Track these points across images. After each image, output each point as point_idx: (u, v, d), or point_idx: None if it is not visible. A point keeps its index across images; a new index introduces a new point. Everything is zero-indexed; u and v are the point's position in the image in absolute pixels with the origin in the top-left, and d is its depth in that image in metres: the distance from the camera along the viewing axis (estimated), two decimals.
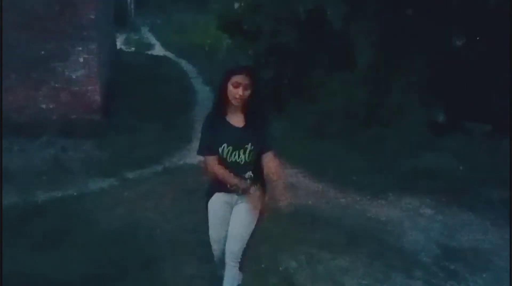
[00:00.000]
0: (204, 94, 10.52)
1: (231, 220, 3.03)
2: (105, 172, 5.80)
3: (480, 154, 6.27)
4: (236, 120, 2.94)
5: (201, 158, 3.08)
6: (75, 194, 5.19)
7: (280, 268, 3.74)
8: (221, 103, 2.91)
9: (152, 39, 18.85)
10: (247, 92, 2.85)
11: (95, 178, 5.66)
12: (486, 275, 4.08)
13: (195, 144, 7.29)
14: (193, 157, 6.71)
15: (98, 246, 3.98)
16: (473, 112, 6.85)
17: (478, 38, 6.85)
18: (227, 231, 3.05)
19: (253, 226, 3.02)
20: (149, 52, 15.70)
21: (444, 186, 5.72)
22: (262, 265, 3.92)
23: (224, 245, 3.07)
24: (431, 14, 6.80)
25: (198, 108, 9.41)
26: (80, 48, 7.03)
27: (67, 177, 5.68)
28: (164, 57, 15.09)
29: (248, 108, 2.91)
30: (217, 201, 3.04)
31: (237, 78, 2.82)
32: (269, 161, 2.87)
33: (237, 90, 2.82)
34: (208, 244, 4.10)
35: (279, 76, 8.33)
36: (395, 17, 6.99)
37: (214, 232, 3.12)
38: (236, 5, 10.16)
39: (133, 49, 15.93)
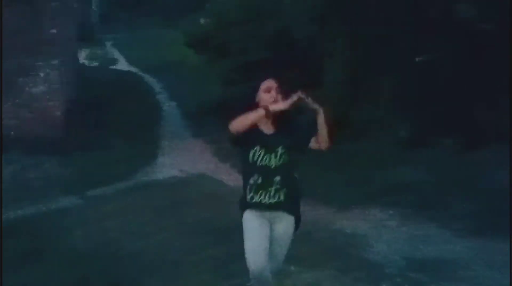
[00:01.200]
0: (170, 109, 10.47)
1: (274, 243, 2.98)
2: (68, 191, 5.67)
3: (447, 167, 6.45)
4: (266, 127, 2.96)
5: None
6: (38, 213, 5.03)
7: (248, 284, 3.71)
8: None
9: (117, 54, 18.64)
10: (279, 96, 2.90)
11: (58, 197, 5.51)
12: (451, 284, 4.17)
13: (161, 159, 7.29)
14: (158, 173, 6.64)
15: (62, 268, 3.85)
16: (441, 127, 7.06)
17: (442, 53, 7.08)
18: (265, 245, 2.94)
19: (289, 242, 3.08)
20: (113, 67, 15.52)
21: (411, 198, 5.84)
22: (232, 281, 3.89)
23: (263, 259, 2.91)
24: (398, 32, 7.02)
25: (163, 124, 9.35)
26: (41, 63, 6.91)
27: (29, 196, 5.52)
28: (129, 72, 14.95)
29: (278, 114, 2.90)
30: (253, 218, 2.94)
31: (266, 84, 2.94)
32: (315, 143, 2.95)
33: (270, 95, 2.90)
34: (176, 263, 4.07)
35: (247, 93, 8.39)
36: (363, 35, 7.19)
37: (252, 245, 2.92)
38: (202, 21, 10.23)
39: (96, 64, 15.72)
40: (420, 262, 4.54)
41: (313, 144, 3.00)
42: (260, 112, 2.84)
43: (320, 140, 2.96)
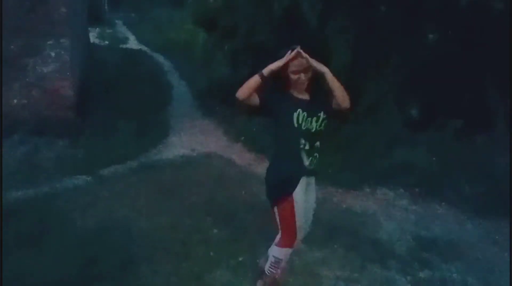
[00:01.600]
0: (180, 89, 10.45)
1: (307, 206, 3.08)
2: (80, 170, 5.69)
3: (453, 149, 6.42)
4: (301, 94, 3.00)
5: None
6: (49, 193, 5.07)
7: (258, 261, 3.75)
8: (281, 85, 2.95)
9: (127, 34, 18.58)
10: (309, 74, 2.92)
11: (69, 177, 5.55)
12: (459, 263, 4.19)
13: (171, 139, 7.31)
14: (169, 152, 6.67)
15: (74, 247, 3.91)
16: (447, 108, 6.99)
17: (450, 33, 6.97)
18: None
19: None
20: (124, 46, 15.48)
21: (418, 179, 5.83)
22: (240, 259, 3.94)
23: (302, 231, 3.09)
24: (405, 11, 6.89)
25: (174, 103, 9.35)
26: (52, 43, 6.89)
27: (41, 176, 5.56)
28: (139, 51, 14.90)
29: (311, 85, 2.95)
30: (301, 191, 3.01)
31: (294, 65, 2.89)
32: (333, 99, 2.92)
33: (298, 76, 2.90)
34: (185, 242, 4.12)
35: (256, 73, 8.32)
36: (370, 14, 7.06)
37: (299, 220, 3.05)
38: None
39: (106, 43, 15.68)
40: (429, 241, 4.56)
41: (334, 106, 2.97)
42: (256, 77, 2.88)
43: (339, 100, 2.91)
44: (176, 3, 20.91)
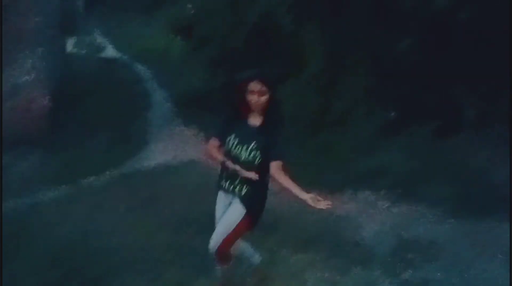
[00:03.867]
0: (158, 96, 10.38)
1: (224, 218, 3.20)
2: (57, 182, 5.58)
3: (428, 151, 6.53)
4: (253, 119, 3.08)
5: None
6: (25, 205, 4.94)
7: (243, 268, 3.73)
8: (239, 109, 3.06)
9: (105, 42, 18.40)
10: (264, 98, 2.99)
11: (46, 188, 5.42)
12: (440, 262, 4.23)
13: (151, 146, 7.23)
14: (150, 161, 6.61)
15: (48, 261, 3.82)
16: (421, 111, 7.13)
17: (421, 39, 7.10)
18: None
19: (233, 226, 3.13)
20: (101, 55, 15.32)
21: (396, 182, 5.88)
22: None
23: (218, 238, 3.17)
24: (378, 17, 7.01)
25: (153, 111, 9.29)
26: (27, 53, 6.79)
27: (16, 188, 5.43)
28: (117, 60, 14.77)
29: (266, 110, 3.04)
30: (219, 197, 3.25)
31: (251, 86, 2.98)
32: (275, 173, 2.94)
33: (253, 97, 2.98)
34: (165, 251, 4.06)
35: (232, 81, 8.36)
36: (342, 22, 7.15)
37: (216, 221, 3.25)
38: (189, 6, 10.10)
39: (84, 52, 15.50)
40: (410, 242, 4.60)
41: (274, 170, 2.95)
42: (220, 160, 3.05)
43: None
44: (154, 11, 20.84)
